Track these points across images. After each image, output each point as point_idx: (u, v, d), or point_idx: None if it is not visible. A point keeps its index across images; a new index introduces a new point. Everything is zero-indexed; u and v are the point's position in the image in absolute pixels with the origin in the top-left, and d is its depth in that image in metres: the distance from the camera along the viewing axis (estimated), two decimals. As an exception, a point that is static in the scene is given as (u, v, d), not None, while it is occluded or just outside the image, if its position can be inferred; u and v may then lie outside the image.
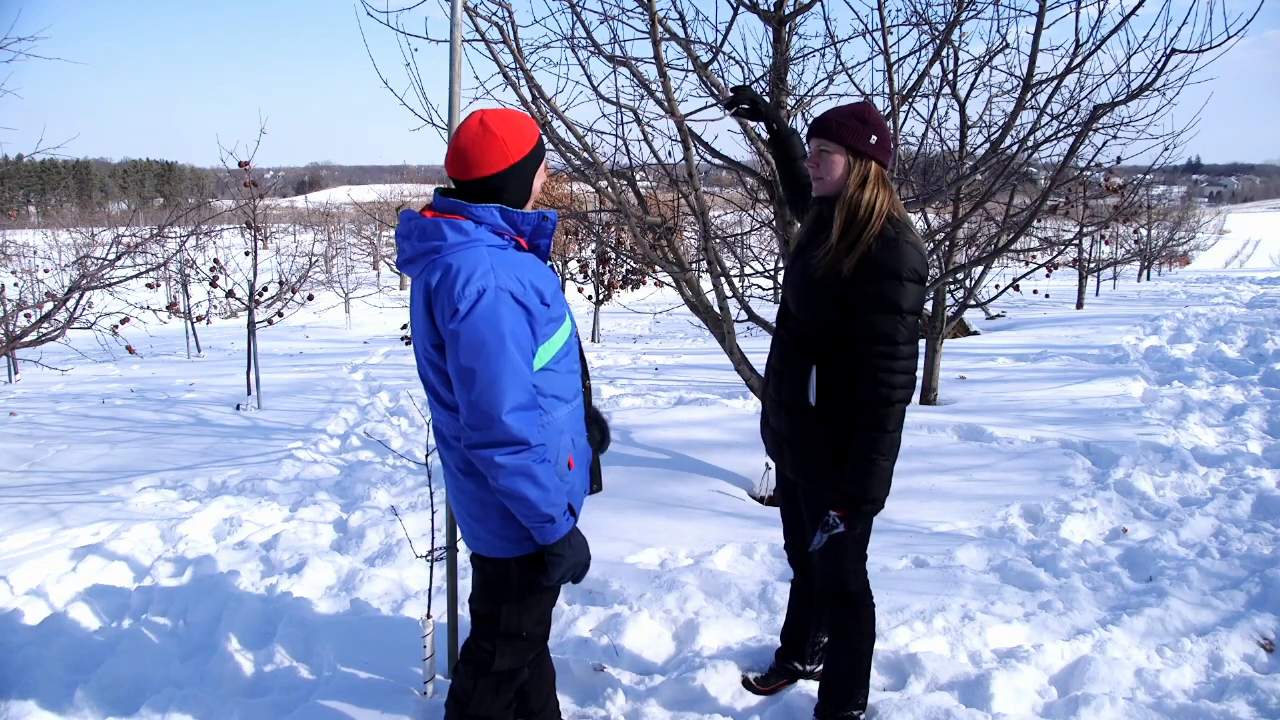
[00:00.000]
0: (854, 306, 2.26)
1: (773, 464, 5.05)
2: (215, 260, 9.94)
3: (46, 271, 15.60)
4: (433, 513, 3.04)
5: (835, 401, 2.35)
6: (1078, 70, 4.19)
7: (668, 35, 4.16)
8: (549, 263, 2.23)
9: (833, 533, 2.33)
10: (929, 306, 6.97)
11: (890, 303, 2.21)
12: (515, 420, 1.95)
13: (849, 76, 4.55)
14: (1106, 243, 15.87)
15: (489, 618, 2.28)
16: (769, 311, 6.07)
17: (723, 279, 4.76)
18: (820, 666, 2.79)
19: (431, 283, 2.00)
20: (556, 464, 2.13)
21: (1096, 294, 15.54)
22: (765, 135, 3.17)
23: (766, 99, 4.45)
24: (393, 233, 23.23)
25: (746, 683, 2.92)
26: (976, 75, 5.22)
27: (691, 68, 4.25)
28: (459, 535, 2.30)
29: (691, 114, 4.34)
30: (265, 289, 8.82)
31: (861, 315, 2.24)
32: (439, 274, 1.99)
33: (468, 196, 2.06)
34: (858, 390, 2.27)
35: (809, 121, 2.46)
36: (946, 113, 5.96)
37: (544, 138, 2.16)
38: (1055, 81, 4.25)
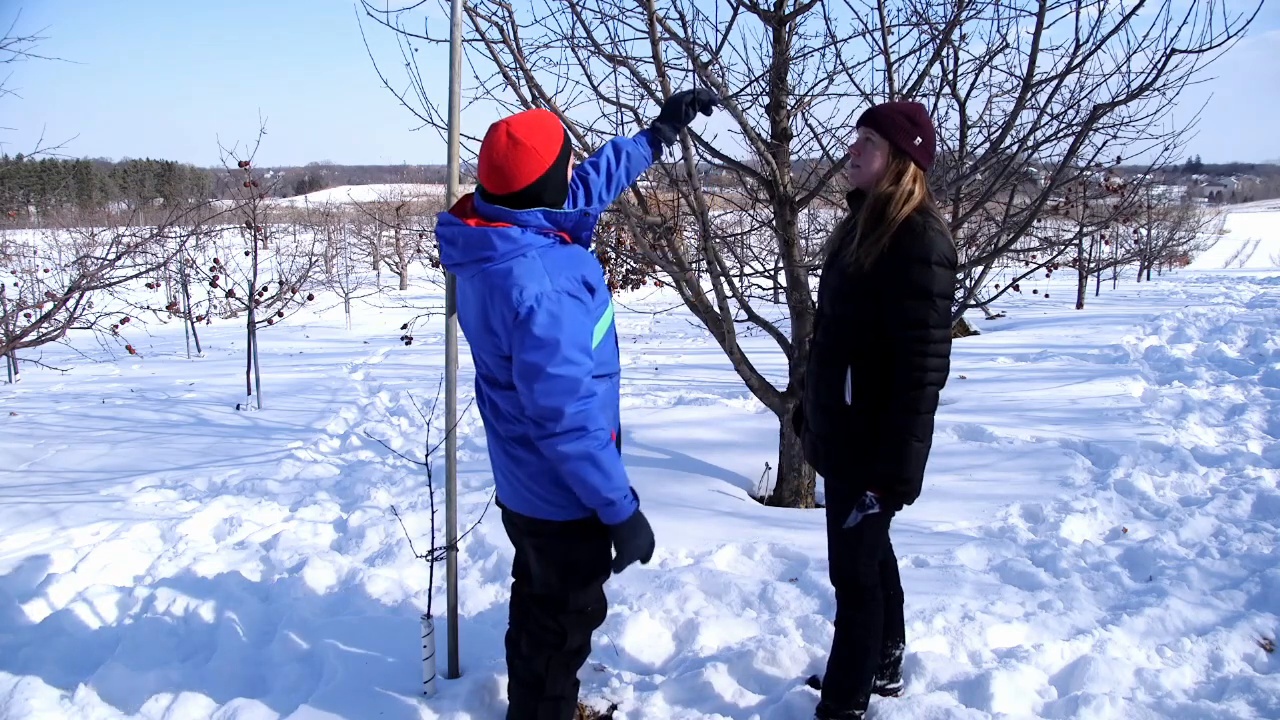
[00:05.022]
0: (886, 294, 2.30)
1: (773, 465, 5.08)
2: (215, 260, 9.93)
3: (46, 271, 15.56)
4: (433, 512, 3.03)
5: (870, 400, 2.39)
6: (1078, 70, 4.19)
7: (667, 35, 4.16)
8: (591, 250, 2.33)
9: (868, 512, 2.40)
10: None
11: (921, 288, 2.26)
12: (575, 409, 2.06)
13: (849, 76, 4.54)
14: (1106, 243, 15.84)
15: (555, 599, 2.37)
16: (769, 311, 6.07)
17: (722, 279, 4.75)
18: (890, 682, 2.83)
19: (487, 290, 2.10)
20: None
21: (1096, 294, 15.51)
22: (766, 135, 3.17)
23: (766, 98, 4.46)
24: (393, 233, 23.39)
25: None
26: (976, 75, 5.20)
27: (691, 68, 4.25)
28: (509, 504, 2.41)
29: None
30: (265, 289, 8.81)
31: (894, 302, 2.29)
32: (495, 282, 2.08)
33: (508, 204, 2.13)
34: (894, 377, 2.32)
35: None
36: (946, 113, 5.94)
37: (568, 130, 2.23)
38: (1055, 81, 4.25)
